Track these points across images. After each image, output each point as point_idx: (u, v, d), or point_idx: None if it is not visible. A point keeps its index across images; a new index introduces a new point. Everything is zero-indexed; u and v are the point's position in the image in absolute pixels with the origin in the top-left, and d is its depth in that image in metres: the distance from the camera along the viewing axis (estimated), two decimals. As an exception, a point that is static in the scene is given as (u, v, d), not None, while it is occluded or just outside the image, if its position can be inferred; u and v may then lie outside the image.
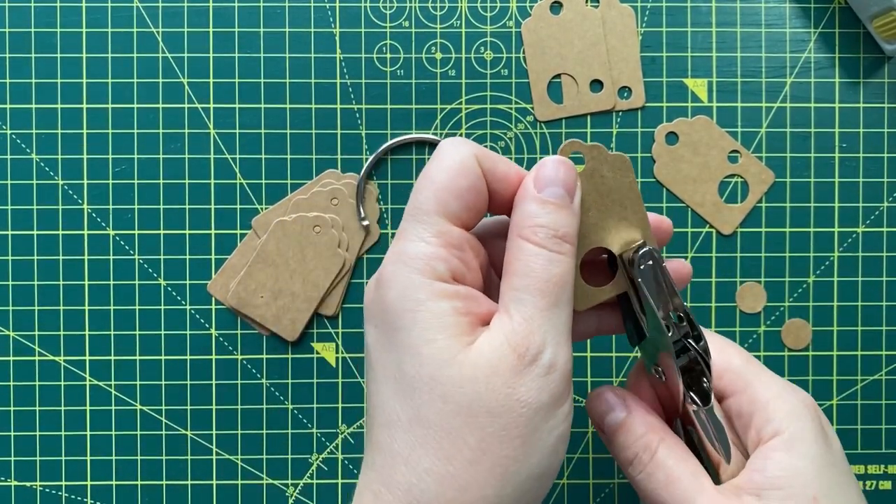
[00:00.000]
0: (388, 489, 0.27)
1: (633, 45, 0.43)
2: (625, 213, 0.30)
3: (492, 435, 0.26)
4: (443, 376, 0.26)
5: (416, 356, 0.27)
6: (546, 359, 0.27)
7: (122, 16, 0.43)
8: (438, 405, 0.26)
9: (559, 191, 0.28)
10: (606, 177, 0.30)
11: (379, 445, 0.27)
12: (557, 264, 0.28)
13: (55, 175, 0.43)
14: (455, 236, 0.28)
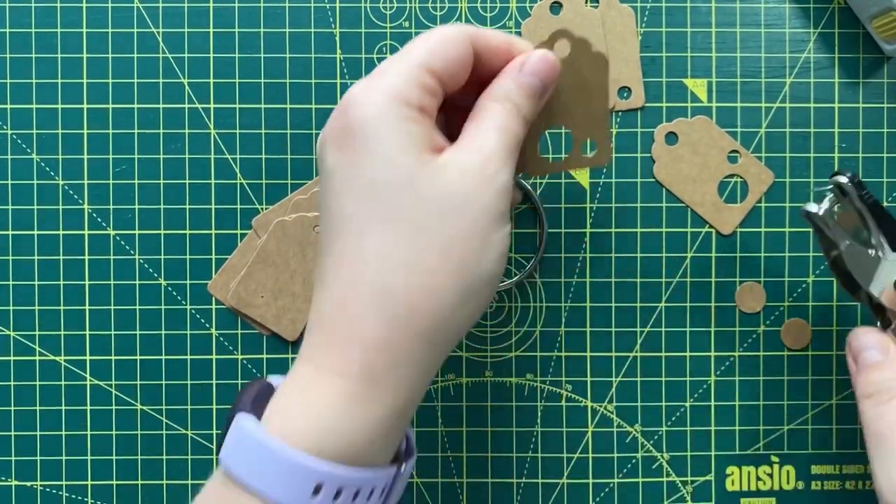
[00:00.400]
0: (355, 289, 0.30)
1: (632, 45, 0.43)
2: (590, 106, 0.36)
3: (459, 231, 0.30)
4: (419, 179, 0.30)
5: (391, 161, 0.30)
6: (503, 178, 0.31)
7: (122, 16, 0.43)
8: (414, 204, 0.30)
9: (536, 82, 0.34)
10: (584, 70, 0.35)
11: (343, 253, 0.31)
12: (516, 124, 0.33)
13: (56, 175, 0.43)
14: (429, 83, 0.32)
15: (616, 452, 0.44)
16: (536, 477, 0.44)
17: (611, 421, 0.44)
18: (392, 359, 0.30)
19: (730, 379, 0.44)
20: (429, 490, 0.44)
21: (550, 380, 0.44)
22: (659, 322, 0.44)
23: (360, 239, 0.30)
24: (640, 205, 0.44)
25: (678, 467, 0.44)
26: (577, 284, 0.44)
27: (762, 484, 0.44)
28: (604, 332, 0.44)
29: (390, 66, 0.32)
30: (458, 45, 0.32)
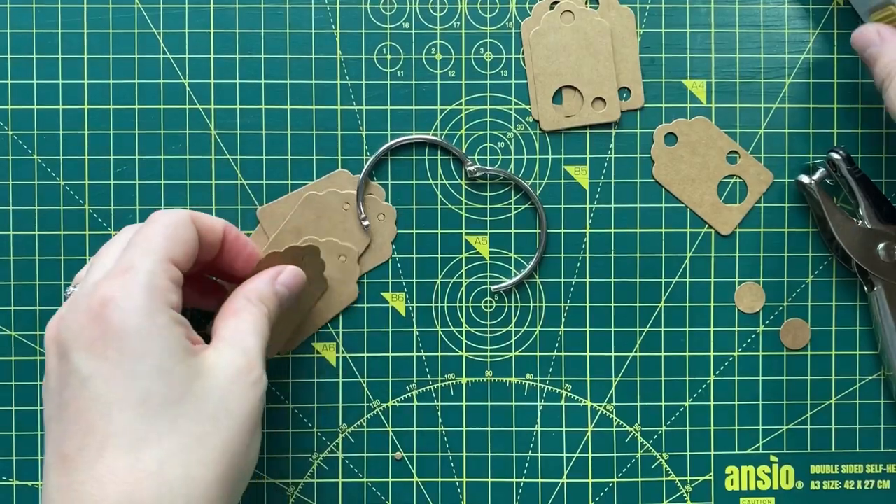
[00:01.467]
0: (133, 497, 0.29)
1: (632, 46, 0.44)
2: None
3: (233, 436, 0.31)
4: (192, 390, 0.31)
5: (166, 371, 0.30)
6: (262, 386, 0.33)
7: (123, 17, 0.43)
8: (191, 415, 0.30)
9: (287, 293, 0.38)
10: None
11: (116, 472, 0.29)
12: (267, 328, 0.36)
13: (56, 176, 0.43)
14: (177, 276, 0.33)
15: (615, 452, 0.44)
16: (536, 476, 0.44)
17: (610, 421, 0.44)
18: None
19: (729, 379, 0.44)
20: (429, 490, 0.44)
21: (550, 380, 0.44)
22: (658, 322, 0.44)
23: (134, 456, 0.29)
24: (639, 205, 0.44)
25: (677, 467, 0.44)
26: (576, 284, 0.44)
27: (761, 484, 0.44)
28: (603, 332, 0.44)
29: (136, 259, 0.32)
30: (189, 228, 0.34)
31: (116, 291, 0.30)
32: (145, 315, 0.30)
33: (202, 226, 0.35)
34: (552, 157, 0.44)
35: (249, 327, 0.34)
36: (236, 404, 0.32)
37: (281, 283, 0.37)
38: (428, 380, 0.44)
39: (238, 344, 0.34)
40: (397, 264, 0.44)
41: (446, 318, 0.44)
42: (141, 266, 0.31)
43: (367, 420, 0.44)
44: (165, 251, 0.32)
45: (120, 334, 0.30)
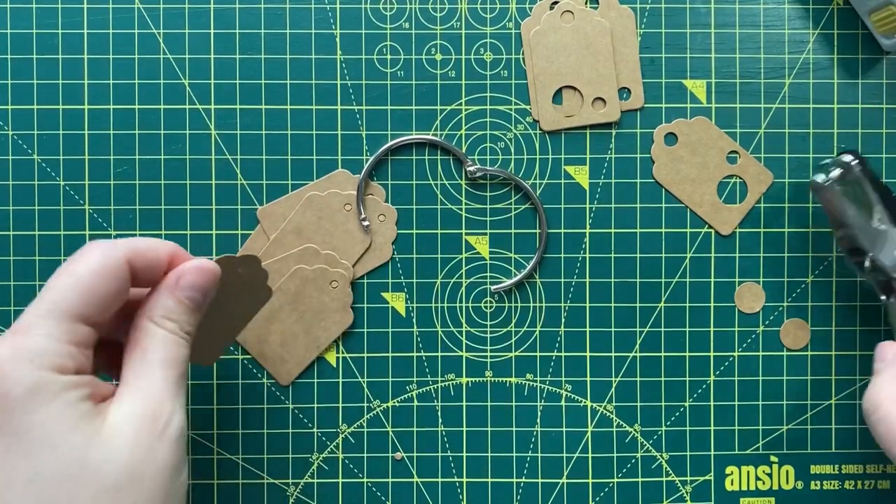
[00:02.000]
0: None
1: (632, 45, 0.44)
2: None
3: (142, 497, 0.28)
4: (89, 461, 0.27)
5: (54, 447, 0.27)
6: (176, 424, 0.30)
7: (123, 17, 0.43)
8: (90, 491, 0.27)
9: (196, 295, 0.33)
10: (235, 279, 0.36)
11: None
12: (185, 347, 0.32)
13: (56, 176, 0.43)
14: (85, 335, 0.30)
15: (615, 452, 0.44)
16: (536, 477, 0.44)
17: (610, 421, 0.44)
18: None
19: (729, 379, 0.44)
20: (429, 490, 0.44)
21: (550, 380, 0.44)
22: (658, 322, 0.44)
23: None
24: (639, 205, 0.44)
25: (677, 467, 0.44)
26: (576, 284, 0.44)
27: (761, 484, 0.44)
28: (603, 332, 0.44)
29: (33, 321, 0.28)
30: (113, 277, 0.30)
31: (3, 359, 0.27)
32: (30, 386, 0.27)
33: (140, 259, 0.32)
34: (552, 157, 0.44)
35: (155, 357, 0.31)
36: (143, 465, 0.28)
37: (183, 288, 0.33)
38: (428, 380, 0.44)
39: (142, 387, 0.30)
40: (397, 264, 0.44)
41: (446, 319, 0.44)
42: (36, 330, 0.28)
43: (367, 420, 0.44)
44: (71, 309, 0.29)
45: (4, 407, 0.27)
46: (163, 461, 0.29)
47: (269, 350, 0.43)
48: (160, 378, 0.30)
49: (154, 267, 0.32)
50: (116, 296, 0.31)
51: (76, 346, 0.29)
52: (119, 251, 0.31)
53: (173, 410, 0.30)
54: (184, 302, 0.32)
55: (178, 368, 0.31)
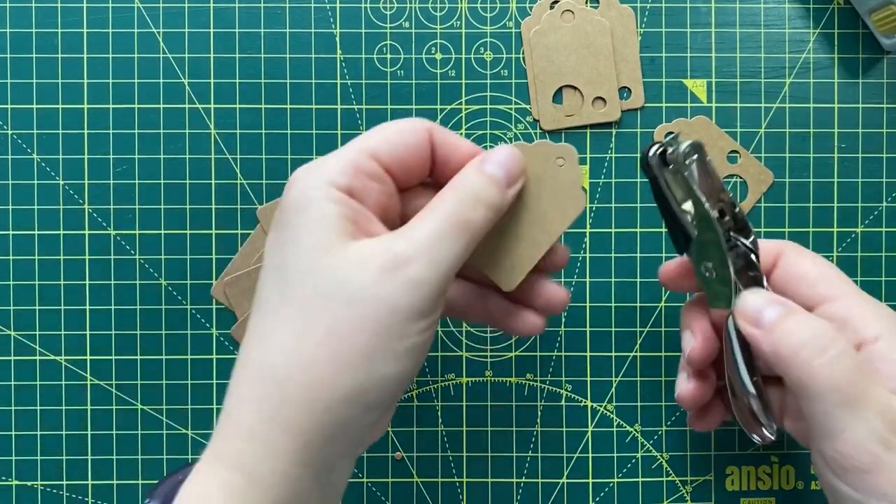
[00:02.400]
0: (243, 368, 0.29)
1: (632, 45, 0.43)
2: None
3: (344, 322, 0.28)
4: (316, 263, 0.28)
5: (296, 245, 0.29)
6: (417, 269, 0.28)
7: (122, 16, 0.43)
8: (305, 289, 0.28)
9: (499, 172, 0.31)
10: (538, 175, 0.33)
11: (249, 332, 0.29)
12: (469, 212, 0.30)
13: (56, 175, 0.43)
14: (369, 166, 0.30)
15: (616, 452, 0.44)
16: (536, 477, 0.44)
17: (611, 421, 0.44)
18: (261, 449, 0.28)
19: (729, 379, 0.44)
20: (429, 490, 0.44)
21: (550, 380, 0.44)
22: (658, 322, 0.44)
23: (260, 318, 0.29)
24: (639, 205, 0.44)
25: (678, 467, 0.44)
26: (576, 284, 0.44)
27: (762, 484, 0.44)
28: (604, 331, 0.44)
29: (338, 150, 0.31)
30: (412, 134, 0.31)
31: (297, 172, 0.30)
32: (303, 193, 0.29)
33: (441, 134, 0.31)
34: (552, 156, 0.44)
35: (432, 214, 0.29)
36: (357, 291, 0.28)
37: (492, 162, 0.31)
38: (428, 380, 0.44)
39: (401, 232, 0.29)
40: (397, 264, 0.44)
41: (446, 318, 0.44)
42: (332, 154, 0.30)
43: (366, 420, 0.44)
44: (364, 145, 0.30)
45: (283, 208, 0.30)
46: (387, 296, 0.28)
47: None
48: (426, 228, 0.29)
49: (453, 150, 0.32)
50: (408, 147, 0.31)
51: (356, 172, 0.29)
52: (427, 122, 0.31)
53: (419, 258, 0.28)
54: (487, 175, 0.31)
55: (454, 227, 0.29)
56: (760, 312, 0.32)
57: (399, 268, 0.28)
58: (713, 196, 0.32)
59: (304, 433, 0.28)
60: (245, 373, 0.29)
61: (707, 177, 0.32)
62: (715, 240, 0.32)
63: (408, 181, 0.32)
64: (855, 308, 0.33)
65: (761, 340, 0.32)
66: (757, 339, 0.32)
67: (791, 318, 0.32)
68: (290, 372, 0.28)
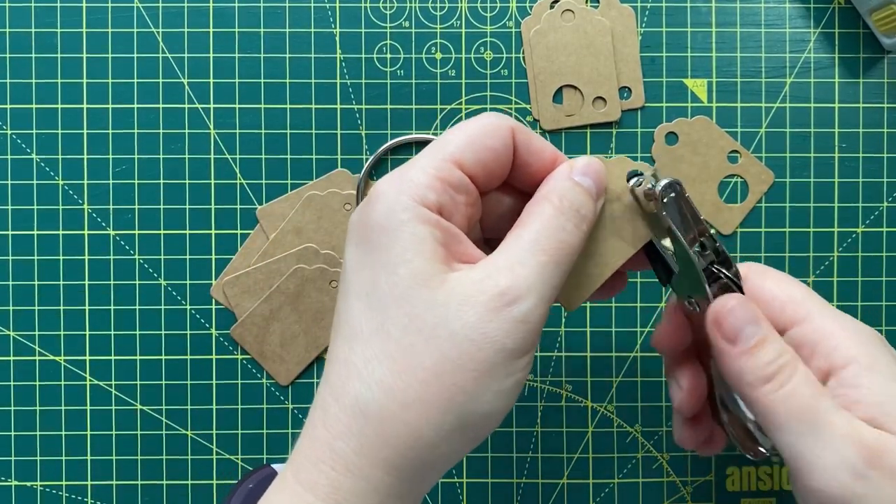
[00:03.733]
0: (337, 400, 0.28)
1: (632, 45, 0.43)
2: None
3: (448, 360, 0.26)
4: (415, 295, 0.27)
5: (392, 274, 0.27)
6: (525, 307, 0.27)
7: (122, 16, 0.43)
8: (404, 321, 0.27)
9: (588, 180, 0.30)
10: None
11: (337, 358, 0.28)
12: (570, 234, 0.28)
13: (55, 175, 0.43)
14: (455, 178, 0.28)
15: (616, 452, 0.44)
16: (537, 477, 0.44)
17: (611, 421, 0.44)
18: (358, 484, 0.27)
19: (730, 379, 0.44)
20: (429, 490, 0.44)
21: (550, 380, 0.44)
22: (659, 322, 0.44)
23: (350, 347, 0.28)
24: (640, 205, 0.44)
25: (678, 467, 0.44)
26: (577, 284, 0.44)
27: (762, 484, 0.44)
28: (604, 332, 0.44)
29: (420, 157, 0.29)
30: (496, 136, 0.29)
31: (382, 185, 0.28)
32: (387, 206, 0.28)
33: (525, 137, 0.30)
34: (552, 156, 0.44)
35: (527, 235, 0.28)
36: (461, 329, 0.26)
37: (579, 172, 0.30)
38: (428, 380, 0.44)
39: (500, 260, 0.28)
40: (397, 264, 0.43)
41: (446, 318, 0.44)
42: (416, 161, 0.29)
43: (366, 420, 0.44)
44: (447, 150, 0.29)
45: (369, 226, 0.28)
46: (492, 335, 0.27)
47: (268, 350, 0.43)
48: (528, 256, 0.28)
49: (538, 153, 0.30)
50: (492, 150, 0.29)
51: (442, 184, 0.28)
52: (509, 120, 0.30)
53: (527, 293, 0.27)
54: (579, 185, 0.29)
55: (555, 254, 0.28)
56: (741, 330, 0.30)
57: (507, 306, 0.27)
58: (691, 232, 0.32)
59: (404, 470, 0.27)
60: (338, 404, 0.28)
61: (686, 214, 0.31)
62: (696, 276, 0.32)
63: (488, 186, 0.30)
64: (825, 331, 0.31)
65: (731, 359, 0.30)
66: (726, 353, 0.30)
67: (763, 344, 0.30)
68: (391, 409, 0.27)
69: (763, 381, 0.29)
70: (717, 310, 0.31)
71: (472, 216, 0.30)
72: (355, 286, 0.28)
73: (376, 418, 0.27)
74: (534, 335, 0.28)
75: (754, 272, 0.33)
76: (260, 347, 0.43)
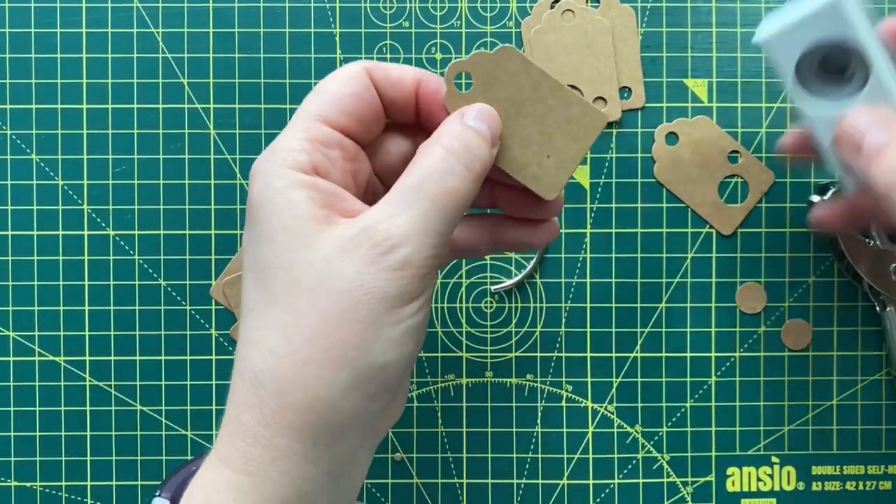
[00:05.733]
0: (240, 376, 0.28)
1: (633, 45, 0.43)
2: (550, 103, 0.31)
3: (332, 316, 0.27)
4: (295, 258, 0.27)
5: (272, 243, 0.27)
6: (402, 254, 0.27)
7: (122, 16, 0.43)
8: (288, 285, 0.27)
9: (483, 125, 0.29)
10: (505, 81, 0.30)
11: (239, 337, 0.29)
12: (457, 178, 0.28)
13: (55, 175, 0.43)
14: (323, 133, 0.29)
15: (616, 453, 0.44)
16: (537, 478, 0.44)
17: (611, 421, 0.44)
18: (267, 453, 0.27)
19: (730, 380, 0.44)
20: (429, 490, 0.44)
21: (551, 380, 0.44)
22: (659, 322, 0.44)
23: (247, 322, 0.28)
24: (640, 205, 0.44)
25: (679, 468, 0.44)
26: (577, 285, 0.44)
27: (763, 485, 0.44)
28: (604, 332, 0.44)
29: (287, 126, 0.29)
30: (350, 83, 0.29)
31: (257, 163, 0.29)
32: (263, 181, 0.28)
33: (380, 71, 0.30)
34: (553, 156, 0.44)
35: (408, 181, 0.28)
36: (340, 281, 0.26)
37: (472, 117, 0.29)
38: (428, 380, 0.44)
39: (377, 209, 0.28)
40: (397, 264, 0.43)
41: (446, 319, 0.44)
42: (283, 133, 0.29)
43: (366, 421, 0.44)
44: (310, 109, 0.29)
45: (251, 204, 0.29)
46: (370, 287, 0.26)
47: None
48: (404, 201, 0.27)
49: (399, 83, 0.30)
50: (353, 96, 0.29)
51: (312, 142, 0.28)
52: (362, 63, 0.30)
53: (403, 239, 0.27)
54: (472, 128, 0.29)
55: (437, 200, 0.27)
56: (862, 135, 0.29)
57: (384, 254, 0.27)
58: None
59: (310, 433, 0.27)
60: (241, 378, 0.28)
61: None
62: None
63: (367, 134, 0.30)
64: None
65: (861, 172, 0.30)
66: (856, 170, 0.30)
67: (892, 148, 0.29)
68: (285, 375, 0.27)
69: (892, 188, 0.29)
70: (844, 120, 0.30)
71: (356, 171, 0.30)
72: (246, 264, 0.29)
73: (273, 387, 0.27)
74: (418, 281, 0.27)
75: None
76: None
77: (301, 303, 0.27)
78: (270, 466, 0.27)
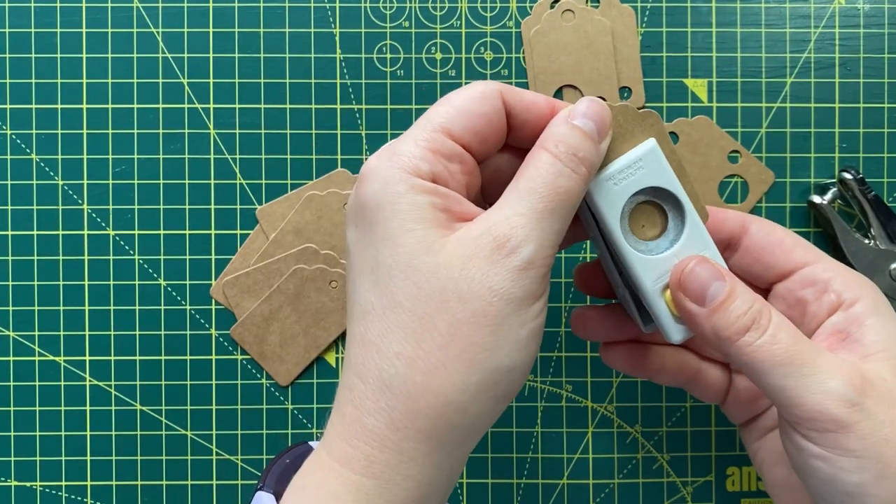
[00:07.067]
0: (361, 379, 0.28)
1: (633, 44, 0.43)
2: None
3: (461, 321, 0.27)
4: (419, 263, 0.27)
5: (393, 246, 0.28)
6: (525, 254, 0.27)
7: (121, 16, 0.43)
8: (413, 291, 0.27)
9: (589, 123, 0.29)
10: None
11: (355, 338, 0.28)
12: (567, 179, 0.28)
13: (55, 175, 0.43)
14: (446, 146, 0.29)
15: (616, 453, 0.44)
16: (537, 477, 0.44)
17: (611, 421, 0.44)
18: (394, 457, 0.27)
19: (730, 379, 0.44)
20: (429, 490, 0.44)
21: (551, 380, 0.44)
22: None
23: (365, 325, 0.28)
24: (640, 205, 0.44)
25: (678, 468, 0.44)
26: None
27: (762, 484, 0.44)
28: (604, 332, 0.44)
29: (409, 131, 0.29)
30: (484, 101, 0.29)
31: (371, 163, 0.29)
32: (384, 186, 0.28)
33: (515, 96, 0.30)
34: (552, 156, 0.44)
35: (524, 185, 0.28)
36: (467, 285, 0.27)
37: (576, 115, 0.29)
38: (428, 380, 0.44)
39: (496, 211, 0.28)
40: (397, 264, 0.43)
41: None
42: (404, 138, 0.29)
43: (366, 421, 0.44)
44: (436, 121, 0.29)
45: (364, 205, 0.28)
46: (498, 286, 0.27)
47: (268, 350, 0.43)
48: (525, 204, 0.28)
49: (531, 108, 0.30)
50: (482, 116, 0.29)
51: (434, 153, 0.28)
52: (497, 84, 0.30)
53: (526, 239, 0.27)
54: (577, 127, 0.29)
55: (552, 200, 0.28)
56: (706, 289, 0.30)
57: (508, 255, 0.27)
58: None
59: (437, 437, 0.27)
60: (362, 381, 0.28)
61: None
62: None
63: (486, 153, 0.30)
64: (835, 271, 0.33)
65: (704, 319, 0.30)
66: (698, 315, 0.30)
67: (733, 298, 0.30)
68: (415, 379, 0.27)
69: (740, 333, 0.29)
70: (678, 274, 0.31)
71: (470, 185, 0.30)
72: (359, 265, 0.29)
73: (402, 391, 0.27)
74: (540, 280, 0.28)
75: (757, 220, 0.35)
76: (260, 348, 0.43)
77: (428, 308, 0.27)
78: (396, 470, 0.27)
